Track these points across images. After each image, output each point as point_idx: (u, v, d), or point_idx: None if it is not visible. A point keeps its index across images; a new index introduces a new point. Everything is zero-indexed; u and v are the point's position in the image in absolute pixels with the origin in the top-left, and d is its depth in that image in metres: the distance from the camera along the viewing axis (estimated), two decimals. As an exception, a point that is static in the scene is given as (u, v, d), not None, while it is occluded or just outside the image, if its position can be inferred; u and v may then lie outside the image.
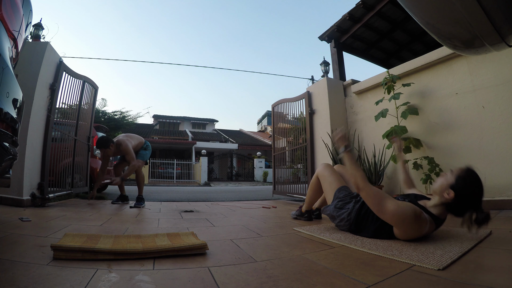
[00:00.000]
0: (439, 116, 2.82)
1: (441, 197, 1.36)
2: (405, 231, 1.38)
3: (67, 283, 0.84)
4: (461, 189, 1.30)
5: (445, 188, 1.34)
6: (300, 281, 0.89)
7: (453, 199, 1.31)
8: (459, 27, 1.24)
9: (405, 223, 1.34)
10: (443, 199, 1.35)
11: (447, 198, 1.32)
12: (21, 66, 2.76)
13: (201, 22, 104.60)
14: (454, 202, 1.31)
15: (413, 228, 1.35)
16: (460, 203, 1.31)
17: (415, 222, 1.33)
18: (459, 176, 1.35)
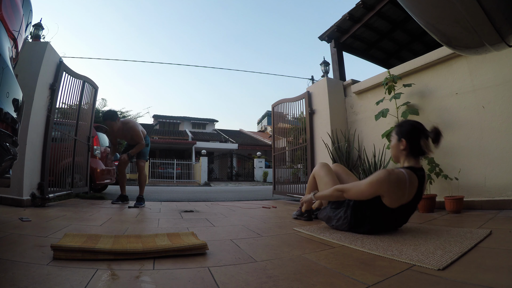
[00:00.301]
0: (439, 116, 2.82)
1: (401, 152, 1.58)
2: (389, 191, 1.46)
3: (67, 283, 0.84)
4: (405, 133, 1.57)
5: (397, 145, 1.60)
6: (300, 281, 0.89)
7: (407, 144, 1.54)
8: (459, 27, 1.24)
9: (383, 183, 1.46)
10: (404, 152, 1.57)
11: (404, 147, 1.55)
12: (21, 66, 2.76)
13: (201, 22, 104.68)
14: (410, 144, 1.54)
15: (394, 187, 1.45)
16: (413, 141, 1.54)
17: (389, 176, 1.45)
18: (397, 130, 1.63)
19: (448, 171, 2.56)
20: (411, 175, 1.47)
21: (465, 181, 2.51)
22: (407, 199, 1.48)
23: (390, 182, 1.44)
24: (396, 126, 1.66)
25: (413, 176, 1.48)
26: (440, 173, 2.53)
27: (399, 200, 1.47)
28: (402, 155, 1.58)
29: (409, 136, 1.54)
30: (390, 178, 1.45)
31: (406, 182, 1.45)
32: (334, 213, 1.72)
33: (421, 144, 1.52)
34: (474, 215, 2.14)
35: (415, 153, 1.55)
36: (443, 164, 2.62)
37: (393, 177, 1.45)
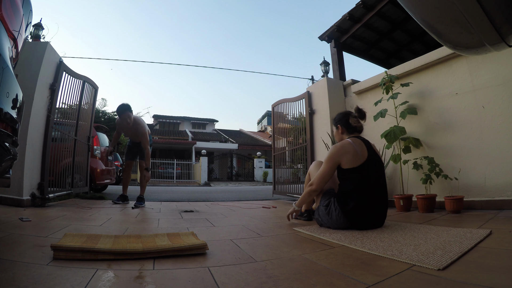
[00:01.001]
0: (439, 116, 2.81)
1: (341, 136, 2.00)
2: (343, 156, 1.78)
3: (67, 283, 0.84)
4: (337, 120, 2.04)
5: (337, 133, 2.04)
6: (300, 281, 0.89)
7: (342, 127, 1.99)
8: (459, 27, 1.24)
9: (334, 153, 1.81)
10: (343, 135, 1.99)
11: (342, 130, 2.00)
12: (21, 66, 2.76)
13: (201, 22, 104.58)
14: (344, 125, 1.98)
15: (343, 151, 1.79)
16: (345, 122, 1.98)
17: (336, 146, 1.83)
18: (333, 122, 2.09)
19: (448, 171, 2.56)
20: (353, 139, 1.85)
21: (465, 181, 2.51)
22: (363, 157, 1.76)
23: (338, 149, 1.81)
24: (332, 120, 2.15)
25: (356, 139, 1.84)
26: (440, 173, 2.53)
27: (355, 157, 1.75)
28: (344, 137, 1.96)
29: (341, 122, 2.00)
30: (337, 146, 1.83)
31: (351, 142, 1.81)
32: (326, 211, 1.80)
33: (351, 122, 1.94)
34: (474, 215, 2.14)
35: (351, 131, 1.96)
36: (443, 164, 2.62)
37: (339, 145, 1.83)
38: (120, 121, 3.40)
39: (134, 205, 3.15)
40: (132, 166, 3.73)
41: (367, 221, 1.71)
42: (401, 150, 2.86)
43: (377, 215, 1.75)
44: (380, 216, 1.77)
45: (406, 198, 2.69)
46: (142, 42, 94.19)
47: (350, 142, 1.81)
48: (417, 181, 2.74)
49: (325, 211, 1.81)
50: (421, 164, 2.72)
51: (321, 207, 1.85)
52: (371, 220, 1.73)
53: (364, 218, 1.71)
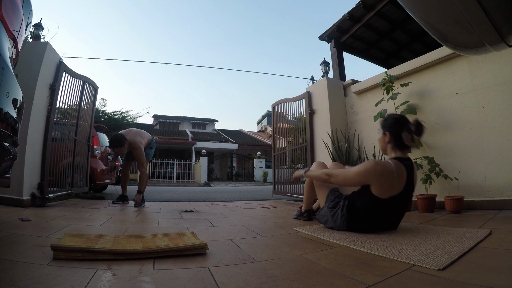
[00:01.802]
0: (439, 116, 2.81)
1: (386, 145, 1.66)
2: (377, 181, 1.50)
3: (67, 283, 0.84)
4: (388, 127, 1.65)
5: (382, 139, 1.68)
6: (300, 281, 0.89)
7: (391, 137, 1.61)
8: (459, 27, 1.24)
9: (370, 172, 1.51)
10: (389, 145, 1.64)
11: (389, 140, 1.63)
12: (21, 66, 2.76)
13: (201, 22, 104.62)
14: (394, 137, 1.61)
15: (381, 176, 1.49)
16: (396, 134, 1.60)
17: (376, 166, 1.50)
18: (381, 125, 1.71)
19: (448, 171, 2.56)
20: (398, 165, 1.51)
21: (465, 181, 2.51)
22: (397, 190, 1.51)
23: (377, 172, 1.49)
24: (382, 120, 1.74)
25: (400, 166, 1.51)
26: (440, 173, 2.53)
27: (388, 190, 1.49)
28: (388, 147, 1.65)
29: (392, 130, 1.62)
30: (377, 168, 1.50)
31: (394, 171, 1.48)
32: (331, 213, 1.73)
33: (403, 137, 1.57)
34: (474, 215, 2.14)
35: (399, 146, 1.61)
36: (443, 164, 2.62)
37: (380, 167, 1.50)
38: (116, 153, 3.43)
39: (134, 205, 3.16)
40: (130, 166, 3.75)
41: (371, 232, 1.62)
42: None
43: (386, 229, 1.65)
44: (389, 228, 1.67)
45: (406, 198, 2.68)
46: (142, 42, 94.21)
47: (394, 170, 1.49)
48: (417, 181, 2.74)
49: (330, 212, 1.74)
50: (421, 164, 2.72)
51: (326, 209, 1.78)
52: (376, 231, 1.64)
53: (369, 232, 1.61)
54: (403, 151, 1.62)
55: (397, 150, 1.62)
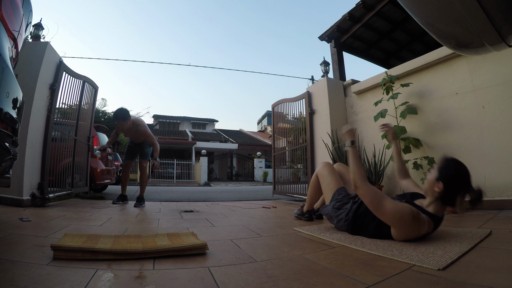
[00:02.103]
0: (439, 116, 2.81)
1: (433, 193, 1.39)
2: (403, 231, 1.37)
3: (67, 283, 0.84)
4: (446, 177, 1.35)
5: (433, 183, 1.38)
6: (300, 281, 0.89)
7: (443, 189, 1.34)
8: (459, 27, 1.24)
9: (402, 223, 1.35)
10: (435, 194, 1.37)
11: (438, 191, 1.35)
12: (21, 66, 2.76)
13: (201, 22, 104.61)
14: (445, 191, 1.34)
15: (410, 229, 1.35)
16: (450, 190, 1.34)
17: (413, 222, 1.33)
18: (441, 166, 1.41)
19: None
20: (430, 223, 1.37)
21: (465, 181, 2.50)
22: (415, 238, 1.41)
23: (408, 225, 1.35)
24: (443, 160, 1.44)
25: (431, 224, 1.37)
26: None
27: (407, 238, 1.39)
28: (433, 196, 1.40)
29: (449, 183, 1.35)
30: (412, 223, 1.34)
31: (424, 229, 1.36)
32: (335, 213, 1.71)
33: (456, 199, 1.34)
34: (474, 215, 2.14)
35: (445, 202, 1.38)
36: (443, 164, 2.62)
37: (415, 223, 1.34)
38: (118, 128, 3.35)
39: (135, 205, 3.17)
40: (131, 166, 3.74)
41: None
42: (401, 150, 2.86)
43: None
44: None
45: (406, 198, 2.68)
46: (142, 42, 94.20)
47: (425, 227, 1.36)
48: (417, 181, 2.74)
49: (334, 213, 1.71)
50: (421, 164, 2.72)
51: (331, 207, 1.75)
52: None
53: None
54: (443, 207, 1.41)
55: (438, 204, 1.39)
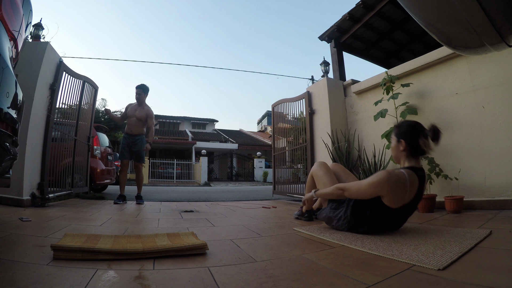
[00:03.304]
0: (439, 116, 2.81)
1: (401, 153, 1.59)
2: (390, 193, 1.46)
3: (67, 283, 0.84)
4: (403, 134, 1.57)
5: (397, 147, 1.60)
6: (300, 281, 0.89)
7: (406, 145, 1.55)
8: (459, 27, 1.24)
9: (385, 185, 1.46)
10: (404, 153, 1.57)
11: (403, 148, 1.56)
12: (21, 66, 2.76)
13: (201, 23, 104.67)
14: (409, 145, 1.54)
15: (395, 188, 1.45)
16: (412, 142, 1.53)
17: (391, 179, 1.45)
18: (395, 132, 1.64)
19: (448, 171, 2.56)
20: (412, 175, 1.47)
21: (465, 181, 2.51)
22: (408, 200, 1.48)
23: (390, 183, 1.44)
24: (395, 127, 1.67)
25: (414, 176, 1.47)
26: (440, 173, 2.53)
27: (400, 201, 1.47)
28: (402, 156, 1.58)
29: (408, 137, 1.54)
30: (390, 180, 1.45)
31: (407, 182, 1.45)
32: (333, 214, 1.72)
33: (420, 144, 1.50)
34: (474, 215, 2.14)
35: (415, 153, 1.55)
36: (443, 164, 2.62)
37: (393, 178, 1.45)
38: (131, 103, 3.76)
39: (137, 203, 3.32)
40: (128, 166, 3.78)
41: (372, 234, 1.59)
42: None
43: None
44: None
45: (406, 198, 2.68)
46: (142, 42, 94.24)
47: (407, 181, 1.45)
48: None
49: (332, 213, 1.73)
50: (421, 164, 2.72)
51: (328, 209, 1.77)
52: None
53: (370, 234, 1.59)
54: (417, 159, 1.56)
55: (411, 159, 1.55)
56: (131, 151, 3.63)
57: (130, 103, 3.80)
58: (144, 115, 3.66)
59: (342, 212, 1.66)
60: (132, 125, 3.64)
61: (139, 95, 3.67)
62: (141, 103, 3.70)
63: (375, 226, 1.55)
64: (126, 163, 3.69)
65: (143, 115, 3.66)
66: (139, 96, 3.67)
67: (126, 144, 3.62)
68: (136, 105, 3.70)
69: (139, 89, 3.67)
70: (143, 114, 3.66)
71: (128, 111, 3.71)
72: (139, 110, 3.67)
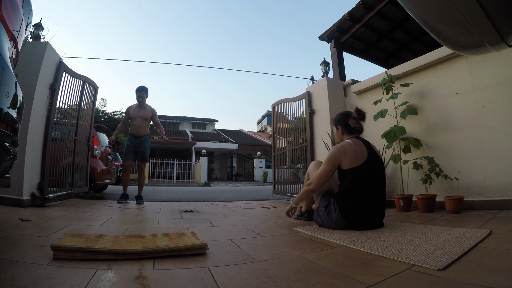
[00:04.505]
0: (439, 116, 2.81)
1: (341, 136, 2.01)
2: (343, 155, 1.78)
3: (67, 283, 0.84)
4: (337, 121, 2.06)
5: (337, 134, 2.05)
6: (300, 281, 0.89)
7: (342, 128, 2.00)
8: (459, 27, 1.24)
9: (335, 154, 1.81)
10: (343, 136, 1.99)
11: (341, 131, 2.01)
12: (21, 66, 2.76)
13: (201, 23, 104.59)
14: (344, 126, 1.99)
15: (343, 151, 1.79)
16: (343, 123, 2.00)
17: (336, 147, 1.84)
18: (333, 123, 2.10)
19: (448, 171, 2.56)
20: (354, 140, 1.84)
21: (465, 181, 2.50)
22: (364, 157, 1.76)
23: (338, 150, 1.81)
24: (332, 120, 2.14)
25: (355, 140, 1.84)
26: (440, 173, 2.53)
27: (355, 158, 1.75)
28: (344, 137, 1.97)
29: (340, 122, 2.01)
30: (337, 147, 1.83)
31: (351, 143, 1.81)
32: (326, 211, 1.80)
33: (350, 123, 1.94)
34: (474, 215, 2.14)
35: (351, 132, 1.97)
36: (443, 164, 2.62)
37: (339, 146, 1.84)
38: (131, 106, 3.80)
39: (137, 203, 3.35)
40: (131, 166, 3.79)
41: (365, 221, 1.72)
42: (401, 150, 2.86)
43: (376, 214, 1.76)
44: (378, 216, 1.78)
45: (406, 198, 2.69)
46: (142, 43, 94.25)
47: (350, 142, 1.82)
48: (417, 181, 2.74)
49: (324, 211, 1.81)
50: (421, 164, 2.72)
51: (321, 208, 1.85)
52: (370, 220, 1.73)
53: (362, 218, 1.71)
54: (353, 135, 1.95)
55: (349, 136, 1.95)
56: (135, 152, 3.65)
57: (130, 106, 3.83)
58: (149, 114, 3.74)
59: (332, 206, 1.79)
60: (137, 126, 3.66)
61: (142, 97, 3.74)
62: (142, 104, 3.75)
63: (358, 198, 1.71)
64: (129, 164, 3.70)
65: (148, 114, 3.73)
66: (142, 99, 3.74)
67: (131, 145, 3.64)
68: (137, 106, 3.75)
69: (141, 92, 3.73)
70: (147, 114, 3.73)
71: (131, 113, 3.74)
72: (142, 110, 3.72)
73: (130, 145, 3.63)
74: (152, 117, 3.79)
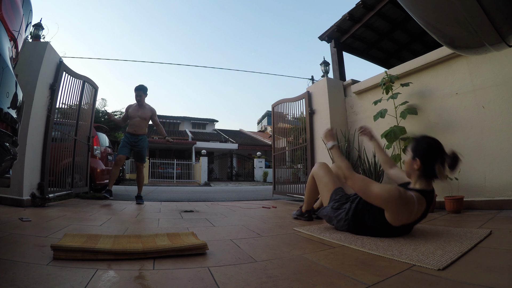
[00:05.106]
0: (439, 116, 2.81)
1: (414, 171, 1.49)
2: (394, 211, 1.41)
3: (67, 283, 0.84)
4: (420, 153, 1.46)
5: (411, 163, 1.49)
6: (300, 281, 0.89)
7: (421, 164, 1.44)
8: (459, 27, 1.24)
9: (392, 202, 1.39)
10: (416, 172, 1.47)
11: (417, 168, 1.45)
12: (21, 66, 2.76)
13: (201, 23, 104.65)
14: (424, 165, 1.44)
15: (401, 207, 1.40)
16: (428, 163, 1.43)
17: (401, 200, 1.38)
18: (413, 145, 1.52)
19: (448, 171, 2.56)
20: (421, 200, 1.41)
21: (465, 181, 2.50)
22: (412, 220, 1.45)
23: (398, 204, 1.39)
24: (414, 140, 1.55)
25: (422, 201, 1.42)
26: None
27: (402, 221, 1.43)
28: (415, 174, 1.49)
29: (425, 157, 1.44)
30: (399, 201, 1.38)
31: (415, 206, 1.39)
32: (334, 214, 1.72)
33: (435, 169, 1.40)
34: (474, 215, 2.14)
35: (428, 176, 1.46)
36: (443, 164, 2.62)
37: (403, 201, 1.39)
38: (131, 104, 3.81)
39: (137, 203, 3.36)
40: (123, 161, 3.73)
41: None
42: (401, 150, 2.86)
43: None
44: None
45: (406, 198, 2.68)
46: (142, 43, 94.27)
47: (415, 203, 1.40)
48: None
49: (333, 213, 1.72)
50: (421, 164, 2.72)
51: (329, 208, 1.76)
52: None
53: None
54: (429, 182, 1.47)
55: (423, 180, 1.47)
56: (131, 149, 3.65)
57: (130, 104, 3.84)
58: (148, 113, 3.74)
59: (343, 214, 1.65)
60: (135, 125, 3.67)
61: (140, 96, 3.73)
62: (141, 103, 3.75)
63: (373, 234, 1.53)
64: (122, 158, 3.60)
65: (147, 114, 3.73)
66: (140, 98, 3.73)
67: (128, 142, 3.63)
68: (137, 106, 3.75)
69: (139, 91, 3.72)
70: (147, 113, 3.73)
71: (130, 112, 3.75)
72: (141, 110, 3.73)
73: (127, 141, 3.62)
74: (152, 116, 3.80)
